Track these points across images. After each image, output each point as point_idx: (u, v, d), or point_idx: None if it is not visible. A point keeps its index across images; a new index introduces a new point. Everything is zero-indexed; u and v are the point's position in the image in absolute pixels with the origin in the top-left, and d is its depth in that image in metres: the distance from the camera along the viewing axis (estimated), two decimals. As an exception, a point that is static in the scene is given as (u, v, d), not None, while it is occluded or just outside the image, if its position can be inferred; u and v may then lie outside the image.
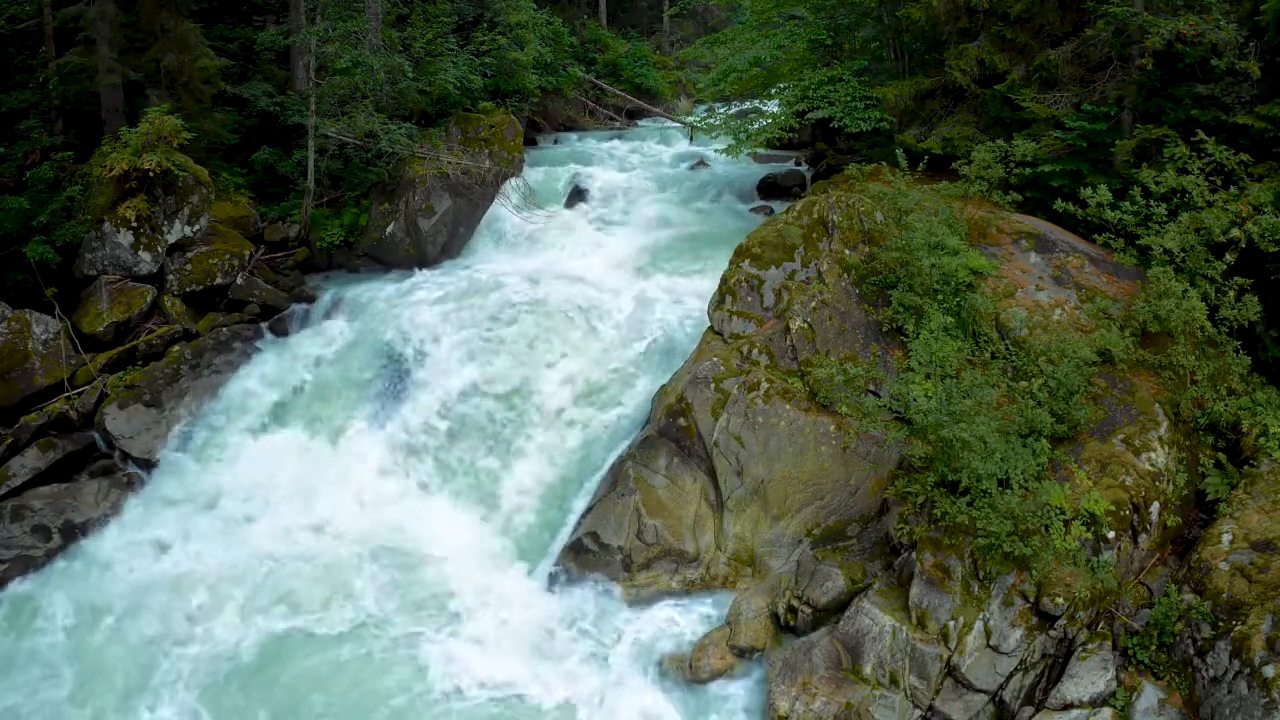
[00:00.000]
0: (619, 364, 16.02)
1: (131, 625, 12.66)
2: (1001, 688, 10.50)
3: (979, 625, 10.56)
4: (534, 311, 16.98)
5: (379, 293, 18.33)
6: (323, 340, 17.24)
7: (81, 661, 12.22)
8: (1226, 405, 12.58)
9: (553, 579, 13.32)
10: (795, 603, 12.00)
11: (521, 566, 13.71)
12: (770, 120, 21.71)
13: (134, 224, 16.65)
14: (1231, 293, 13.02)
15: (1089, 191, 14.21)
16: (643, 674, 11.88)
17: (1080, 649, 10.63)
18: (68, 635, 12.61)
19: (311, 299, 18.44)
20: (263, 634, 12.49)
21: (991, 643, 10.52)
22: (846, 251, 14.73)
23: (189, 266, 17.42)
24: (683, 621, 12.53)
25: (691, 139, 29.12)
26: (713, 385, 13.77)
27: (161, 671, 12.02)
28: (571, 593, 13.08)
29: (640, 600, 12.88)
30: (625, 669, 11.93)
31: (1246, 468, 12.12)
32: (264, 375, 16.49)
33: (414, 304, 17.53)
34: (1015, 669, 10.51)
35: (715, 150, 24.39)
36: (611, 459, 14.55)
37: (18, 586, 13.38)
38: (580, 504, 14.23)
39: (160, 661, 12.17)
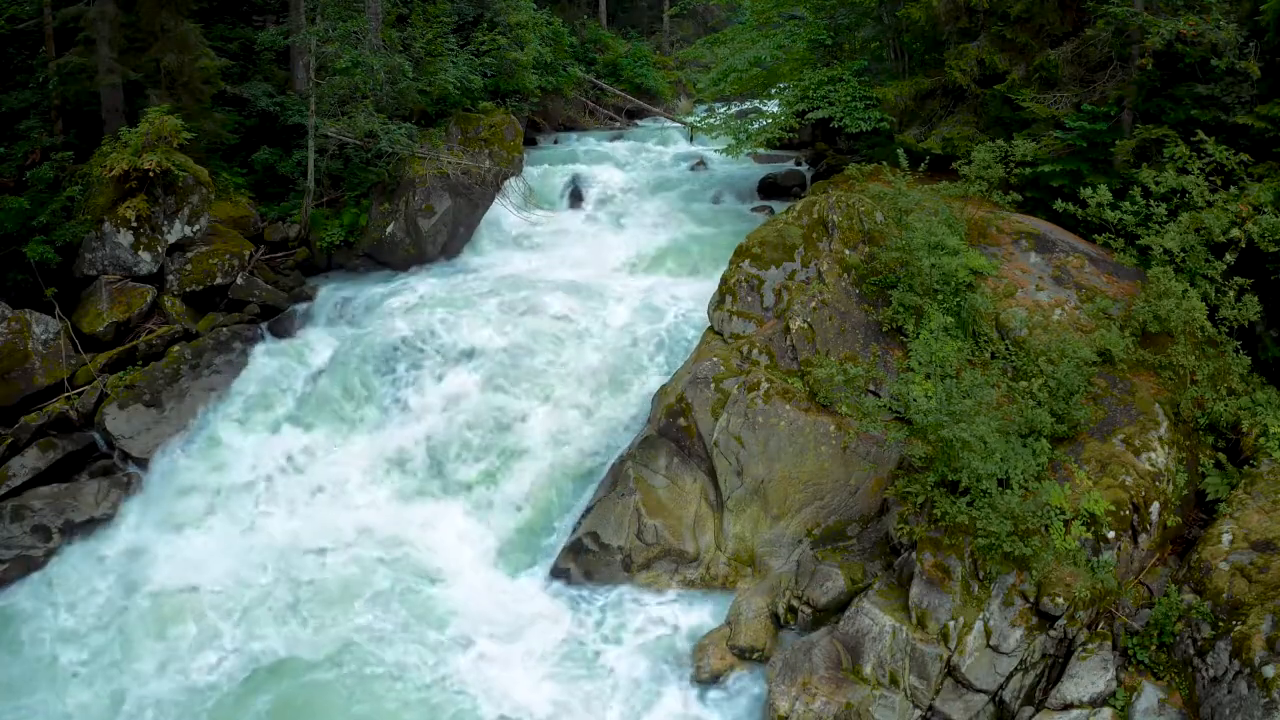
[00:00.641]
0: (618, 364, 16.02)
1: (113, 646, 12.30)
2: (1001, 688, 10.50)
3: (979, 625, 10.56)
4: (532, 313, 17.01)
5: (378, 295, 18.30)
6: (320, 343, 17.22)
7: (59, 688, 11.78)
8: (1226, 405, 12.58)
9: (552, 581, 13.33)
10: (795, 603, 12.00)
11: (523, 569, 13.70)
12: (770, 120, 21.72)
13: (134, 224, 16.65)
14: (1231, 293, 13.02)
15: (1089, 191, 14.21)
16: (643, 676, 11.87)
17: (1080, 649, 10.63)
18: (47, 655, 12.22)
19: (311, 299, 18.43)
20: (254, 658, 12.05)
21: (991, 643, 10.52)
22: (846, 251, 14.73)
23: (189, 266, 17.42)
24: (682, 622, 12.53)
25: (691, 139, 29.13)
26: (713, 385, 13.77)
27: (135, 704, 11.52)
28: (571, 595, 13.09)
29: (640, 600, 12.88)
30: (626, 672, 11.92)
31: (1246, 468, 12.12)
32: (263, 377, 16.44)
33: (411, 308, 17.51)
34: (1015, 669, 10.51)
35: (715, 150, 24.42)
36: (611, 459, 14.56)
37: (6, 597, 13.17)
38: (580, 505, 14.23)
39: (137, 690, 11.68)
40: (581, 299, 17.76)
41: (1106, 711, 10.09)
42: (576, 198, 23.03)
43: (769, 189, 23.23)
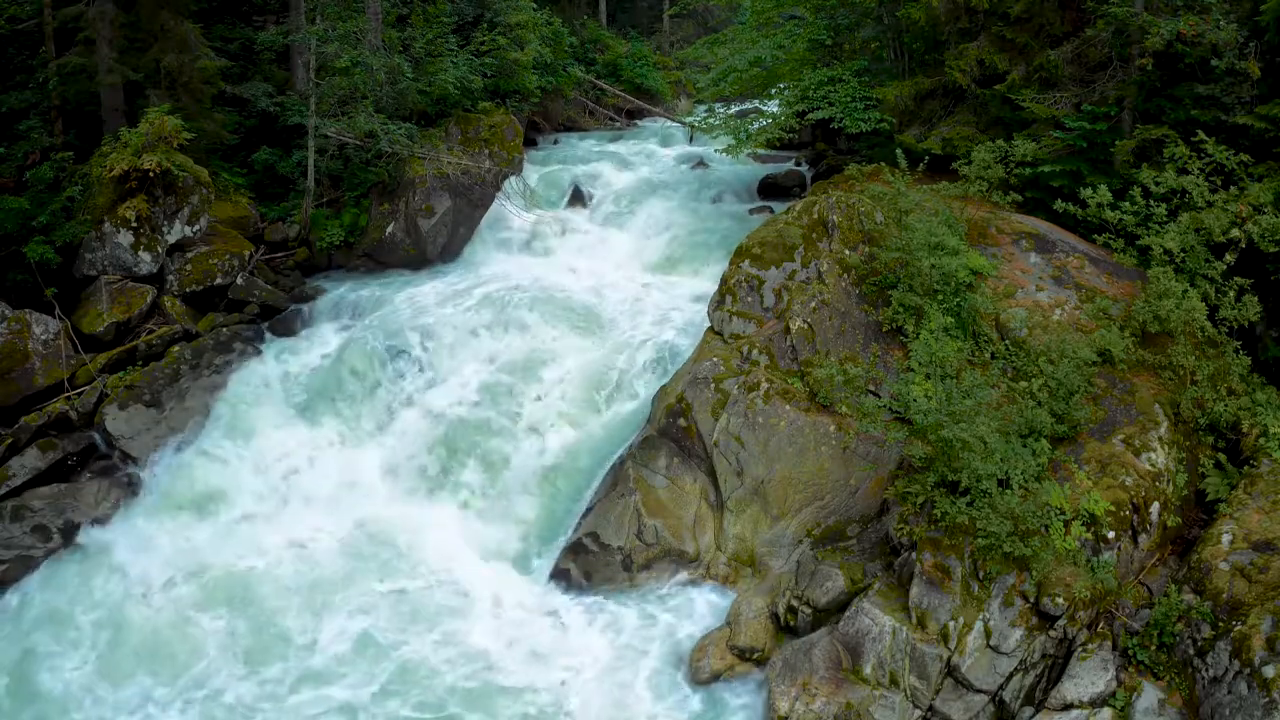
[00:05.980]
0: (617, 363, 16.01)
1: (87, 667, 11.99)
2: (1001, 688, 10.50)
3: (979, 625, 10.56)
4: (531, 313, 17.02)
5: (377, 295, 18.29)
6: (320, 343, 17.21)
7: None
8: (1226, 405, 12.58)
9: (552, 581, 13.33)
10: (795, 603, 12.00)
11: (522, 569, 13.69)
12: (770, 120, 21.70)
13: (134, 224, 16.65)
14: (1231, 293, 13.03)
15: (1089, 191, 14.21)
16: (643, 677, 11.86)
17: (1080, 649, 10.63)
18: (11, 673, 12.02)
19: (311, 299, 18.44)
20: (247, 688, 11.71)
21: (991, 643, 10.52)
22: (846, 252, 14.72)
23: (189, 267, 17.42)
24: (682, 622, 12.52)
25: (691, 139, 29.12)
26: (713, 385, 13.77)
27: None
28: (570, 595, 13.08)
29: (639, 601, 12.88)
30: (625, 672, 11.91)
31: (1246, 468, 12.11)
32: (263, 377, 16.45)
33: (411, 308, 17.49)
34: (1015, 669, 10.51)
35: (715, 150, 24.38)
36: (611, 460, 14.54)
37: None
38: (580, 505, 14.21)
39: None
40: (581, 299, 17.77)
41: (1106, 712, 10.09)
42: (577, 198, 23.03)
43: (769, 189, 23.22)
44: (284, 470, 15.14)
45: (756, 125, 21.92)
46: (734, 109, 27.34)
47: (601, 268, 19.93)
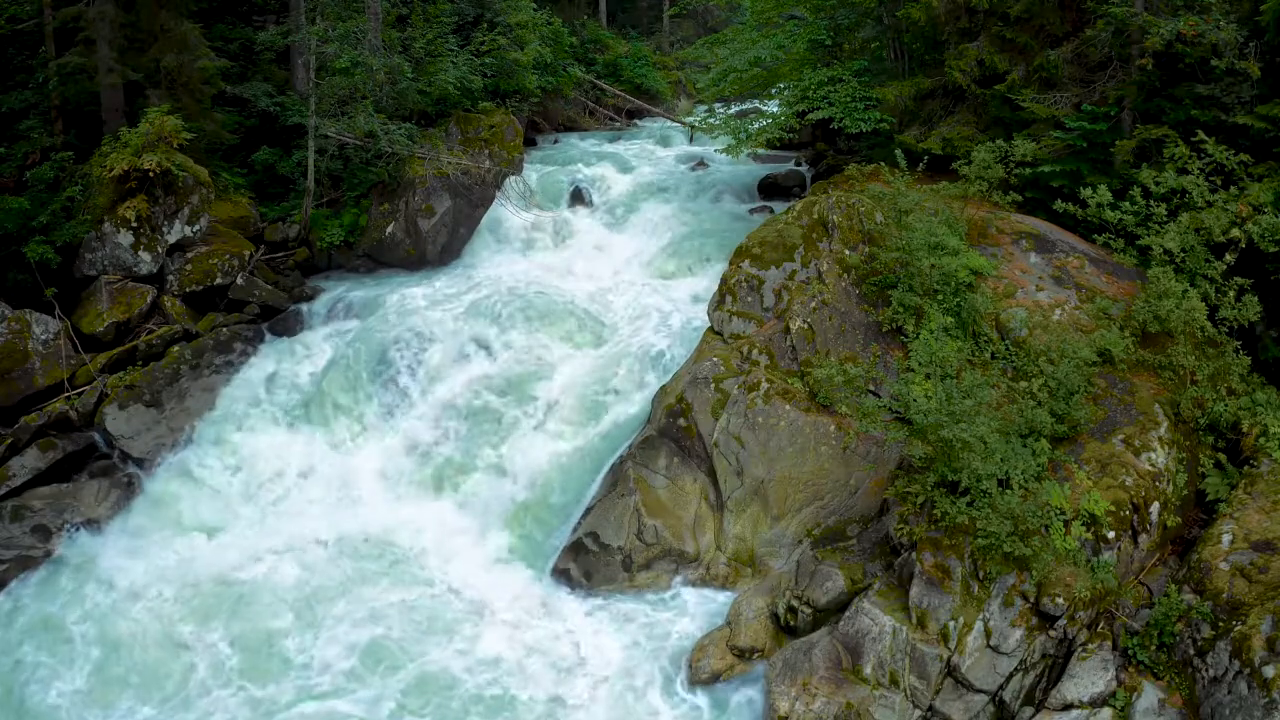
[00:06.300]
0: (618, 366, 16.00)
1: (76, 685, 11.83)
2: (1001, 688, 10.50)
3: (979, 625, 10.56)
4: (530, 312, 17.01)
5: (378, 295, 18.27)
6: (320, 343, 17.19)
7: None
8: (1226, 405, 12.58)
9: (552, 581, 13.33)
10: (795, 603, 12.00)
11: (522, 569, 13.68)
12: (770, 120, 21.70)
13: (134, 224, 16.64)
14: (1231, 293, 13.03)
15: (1089, 192, 14.21)
16: (643, 677, 11.86)
17: (1080, 649, 10.63)
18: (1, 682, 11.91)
19: (311, 299, 18.43)
20: (238, 705, 11.51)
21: (991, 643, 10.52)
22: (846, 252, 14.72)
23: (189, 267, 17.41)
24: (682, 622, 12.52)
25: (691, 139, 29.14)
26: (713, 385, 13.77)
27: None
28: (570, 595, 13.09)
29: (639, 601, 12.87)
30: (625, 673, 11.91)
31: (1246, 468, 12.11)
32: (263, 377, 16.46)
33: (411, 308, 17.47)
34: (1015, 669, 10.51)
35: (715, 150, 24.40)
36: (611, 459, 14.54)
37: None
38: (580, 506, 14.20)
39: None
40: (580, 299, 17.76)
41: (1106, 712, 10.10)
42: (577, 198, 23.03)
43: (769, 189, 23.23)
44: (282, 471, 15.11)
45: (756, 125, 21.92)
46: (734, 109, 27.36)
47: (601, 269, 19.93)
